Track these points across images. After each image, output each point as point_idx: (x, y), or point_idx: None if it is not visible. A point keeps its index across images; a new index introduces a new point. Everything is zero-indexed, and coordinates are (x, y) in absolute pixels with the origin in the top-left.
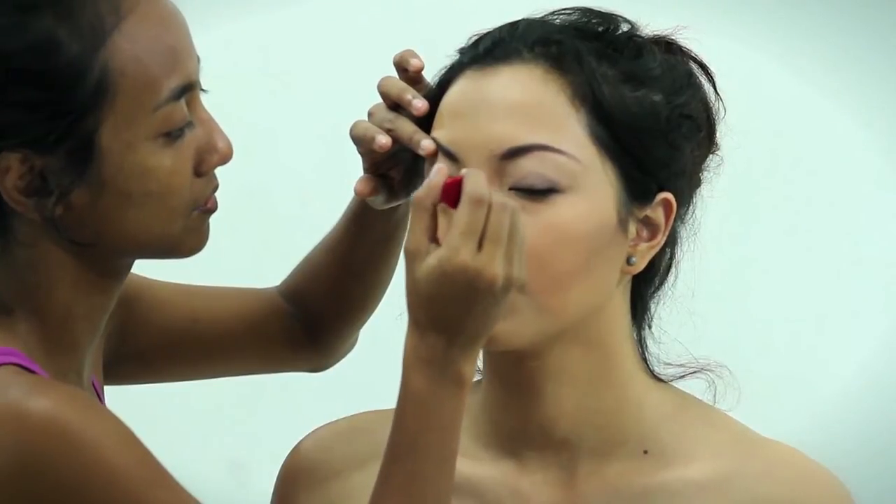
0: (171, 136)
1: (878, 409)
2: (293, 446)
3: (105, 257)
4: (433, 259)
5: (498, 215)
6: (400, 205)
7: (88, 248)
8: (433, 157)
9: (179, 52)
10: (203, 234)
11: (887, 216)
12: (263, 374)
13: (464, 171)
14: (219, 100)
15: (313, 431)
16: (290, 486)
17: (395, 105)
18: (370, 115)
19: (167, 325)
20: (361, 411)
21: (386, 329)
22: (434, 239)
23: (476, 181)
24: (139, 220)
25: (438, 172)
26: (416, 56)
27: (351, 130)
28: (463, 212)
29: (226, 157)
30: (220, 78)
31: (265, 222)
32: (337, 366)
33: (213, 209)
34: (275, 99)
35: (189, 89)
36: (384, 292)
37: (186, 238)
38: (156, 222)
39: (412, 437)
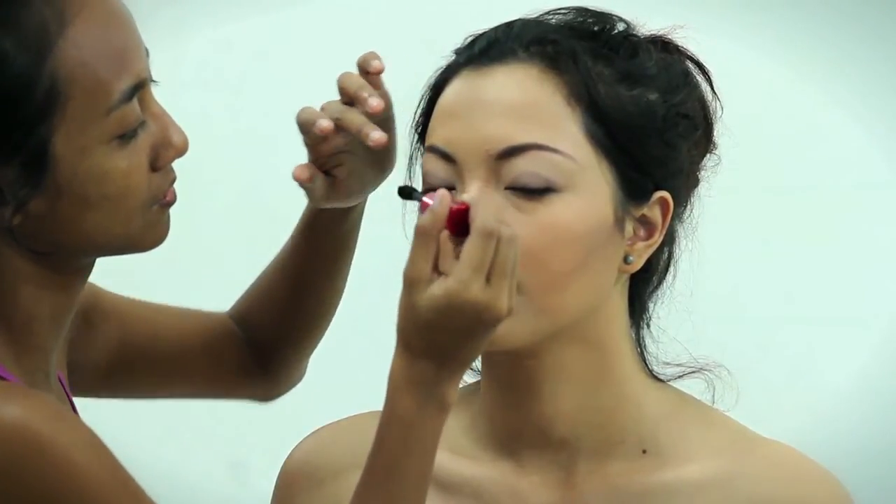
0: (125, 137)
1: (876, 409)
2: (292, 448)
3: (66, 260)
4: (439, 290)
5: (506, 249)
6: (347, 217)
7: (49, 254)
8: (382, 148)
9: (128, 52)
10: (163, 227)
11: (887, 216)
12: (211, 398)
13: (465, 196)
14: (217, 102)
15: (312, 433)
16: (289, 488)
17: (351, 103)
18: (322, 108)
19: (128, 338)
20: (360, 412)
21: (384, 332)
22: (435, 267)
23: (486, 213)
24: (98, 222)
25: (442, 202)
26: (377, 58)
27: (297, 116)
28: (474, 245)
29: (181, 151)
30: (217, 80)
31: (262, 224)
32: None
33: (172, 201)
34: (272, 101)
35: (140, 87)
36: (333, 314)
37: (147, 233)
38: (115, 223)
39: (394, 459)
